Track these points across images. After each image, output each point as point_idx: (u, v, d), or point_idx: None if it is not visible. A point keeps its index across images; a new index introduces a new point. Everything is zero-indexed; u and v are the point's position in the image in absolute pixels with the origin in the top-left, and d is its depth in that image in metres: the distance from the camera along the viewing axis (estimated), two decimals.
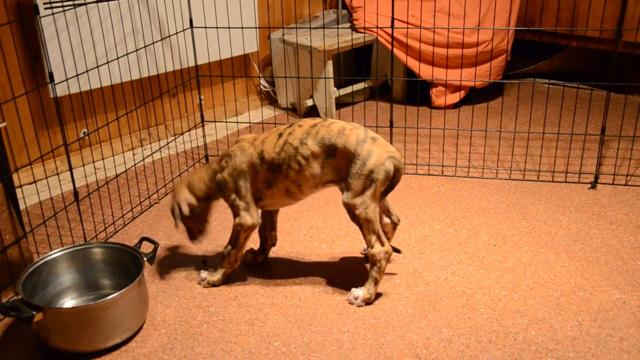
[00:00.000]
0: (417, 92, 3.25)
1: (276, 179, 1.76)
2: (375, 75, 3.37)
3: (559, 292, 1.82)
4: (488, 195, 2.39)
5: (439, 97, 3.19)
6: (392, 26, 2.47)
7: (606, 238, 2.07)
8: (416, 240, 2.11)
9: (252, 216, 1.80)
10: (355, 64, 3.45)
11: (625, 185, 2.39)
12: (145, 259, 1.73)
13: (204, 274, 1.91)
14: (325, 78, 2.95)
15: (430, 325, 1.71)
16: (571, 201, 2.31)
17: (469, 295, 1.83)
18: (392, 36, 2.91)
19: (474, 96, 3.26)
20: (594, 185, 2.39)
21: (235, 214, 1.82)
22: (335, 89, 3.05)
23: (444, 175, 2.55)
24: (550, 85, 3.42)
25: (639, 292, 1.80)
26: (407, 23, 3.03)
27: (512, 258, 1.99)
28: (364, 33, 3.07)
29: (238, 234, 1.82)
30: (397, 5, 3.03)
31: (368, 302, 1.80)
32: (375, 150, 1.67)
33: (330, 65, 2.94)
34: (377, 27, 3.05)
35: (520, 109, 3.07)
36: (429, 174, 2.56)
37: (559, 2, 3.18)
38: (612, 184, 2.41)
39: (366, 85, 3.29)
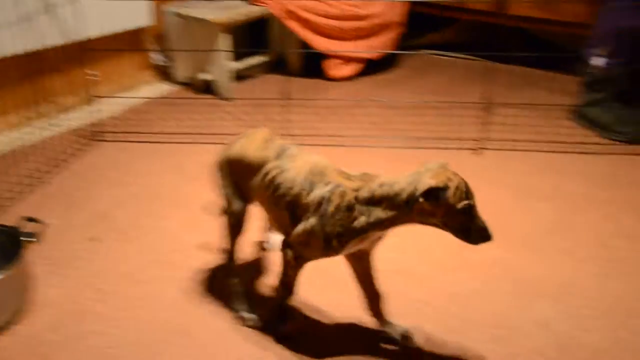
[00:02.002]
0: (314, 65, 3.28)
1: None
2: (272, 48, 3.37)
3: (443, 252, 1.92)
4: (379, 163, 2.46)
5: (334, 69, 3.24)
6: None
7: (487, 200, 2.14)
8: None
9: None
10: (251, 37, 3.44)
11: (507, 150, 2.53)
12: (26, 238, 1.68)
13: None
14: (219, 51, 2.93)
15: (319, 292, 1.76)
16: (457, 166, 2.38)
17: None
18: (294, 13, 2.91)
19: (370, 68, 3.32)
20: (478, 151, 2.52)
21: None
22: (231, 62, 3.04)
23: (341, 146, 2.60)
24: (442, 57, 3.54)
25: (514, 249, 1.93)
26: None
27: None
28: (259, 5, 3.07)
29: None
30: None
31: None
32: None
33: (224, 38, 2.92)
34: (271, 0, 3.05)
35: (414, 80, 3.16)
36: (327, 145, 2.60)
37: None
38: (496, 149, 2.54)
39: (263, 59, 3.29)
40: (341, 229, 1.38)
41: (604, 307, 1.68)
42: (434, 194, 1.30)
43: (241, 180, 1.58)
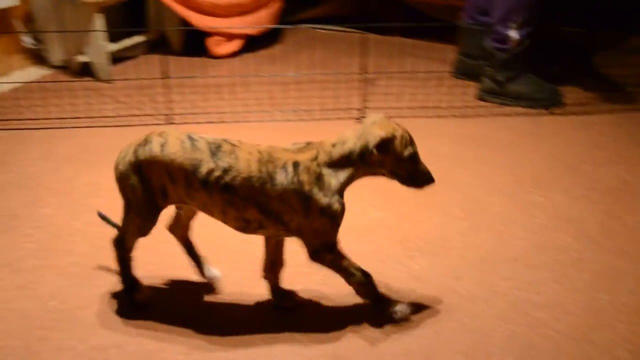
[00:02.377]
0: (197, 43, 3.24)
1: None
2: (150, 27, 3.29)
3: None
4: (264, 137, 2.47)
5: (216, 46, 3.22)
6: None
7: None
8: None
9: None
10: (129, 16, 3.34)
11: (391, 117, 2.61)
12: None
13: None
14: (93, 31, 2.84)
15: (219, 265, 1.77)
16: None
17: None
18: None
19: (253, 44, 3.32)
20: (360, 119, 2.60)
21: None
22: (108, 43, 2.95)
23: (224, 122, 2.60)
24: (322, 30, 3.59)
25: (395, 209, 2.02)
26: None
27: None
28: None
29: None
30: None
31: None
32: None
33: (98, 18, 2.83)
34: None
35: (296, 54, 3.20)
36: (209, 122, 2.60)
37: None
38: None
39: (142, 39, 3.21)
40: (326, 198, 1.40)
41: (477, 258, 1.79)
42: (384, 144, 1.37)
43: (164, 184, 1.44)
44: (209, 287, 1.68)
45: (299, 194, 1.40)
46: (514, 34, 2.59)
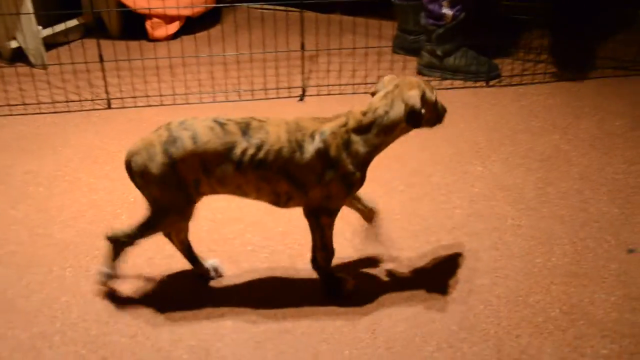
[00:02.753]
0: (136, 26, 3.17)
1: None
2: (86, 11, 3.21)
3: None
4: None
5: (155, 29, 3.17)
6: None
7: None
8: None
9: None
10: (62, 1, 3.25)
11: (328, 94, 2.64)
12: None
13: None
14: (22, 15, 2.75)
15: (153, 246, 1.75)
16: (282, 114, 2.43)
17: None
18: None
19: (192, 25, 3.28)
20: (301, 97, 2.60)
21: None
22: (40, 27, 2.86)
23: (164, 105, 2.57)
24: (262, 10, 3.56)
25: None
26: None
27: None
28: None
29: None
30: None
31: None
32: None
33: (29, 1, 2.74)
34: None
35: (237, 35, 3.16)
36: (149, 105, 2.56)
37: None
38: (317, 94, 2.63)
39: (78, 23, 3.13)
40: (351, 166, 1.42)
41: (419, 229, 1.83)
42: (424, 99, 1.44)
43: (197, 177, 1.42)
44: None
45: (325, 158, 1.41)
46: (447, 10, 2.63)
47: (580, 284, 1.61)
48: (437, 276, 1.65)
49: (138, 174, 1.42)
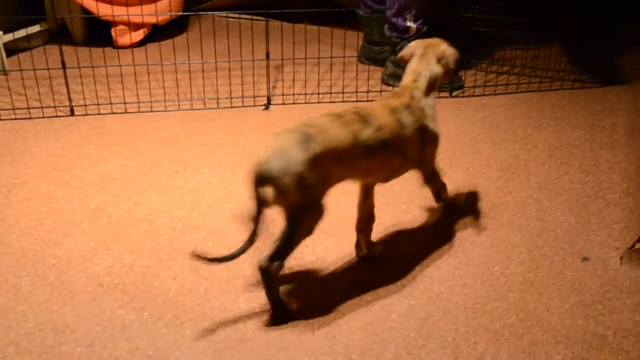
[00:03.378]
0: (101, 33, 3.14)
1: None
2: (52, 15, 3.18)
3: (234, 205, 1.98)
4: (171, 126, 2.46)
5: (121, 36, 3.15)
6: None
7: None
8: (99, 178, 2.11)
9: None
10: (26, 5, 3.21)
11: (294, 103, 2.65)
12: None
13: None
14: None
15: (114, 254, 1.75)
16: (247, 123, 2.49)
17: (151, 221, 1.90)
18: None
19: (158, 33, 3.26)
20: (267, 106, 2.61)
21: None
22: (1, 32, 2.82)
23: (128, 113, 2.55)
24: (229, 18, 3.56)
25: None
26: None
27: (193, 181, 2.10)
28: None
29: None
30: None
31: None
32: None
33: None
34: None
35: (203, 43, 3.16)
36: (113, 113, 2.54)
37: None
38: (283, 103, 2.64)
39: (42, 29, 3.10)
40: (433, 126, 1.68)
41: (380, 237, 1.85)
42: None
43: (331, 170, 1.45)
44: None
45: (419, 129, 1.62)
46: (411, 24, 2.67)
47: (536, 292, 1.64)
48: (396, 284, 1.66)
49: (277, 179, 1.40)
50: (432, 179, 1.78)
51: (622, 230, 1.86)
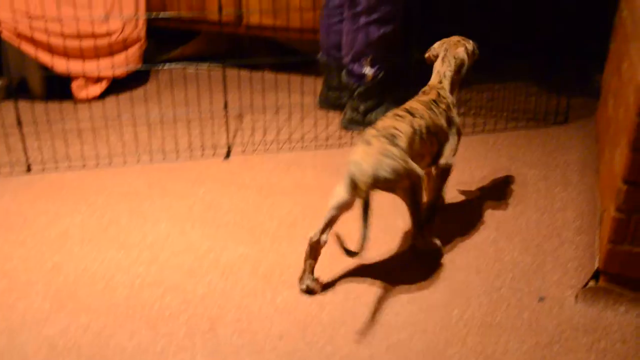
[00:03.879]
0: (61, 87, 3.13)
1: None
2: (7, 73, 3.17)
3: (193, 258, 1.97)
4: (130, 180, 2.45)
5: (80, 89, 3.15)
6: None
7: (235, 202, 2.29)
8: (56, 236, 2.08)
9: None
10: None
11: (254, 152, 2.66)
12: None
13: None
14: None
15: (69, 315, 1.72)
16: (207, 174, 2.49)
17: (109, 278, 1.87)
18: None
19: (119, 85, 3.27)
20: (227, 156, 2.62)
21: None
22: None
23: (87, 168, 2.54)
24: (189, 69, 3.59)
25: (259, 244, 2.04)
26: (30, 16, 2.91)
27: (152, 235, 2.09)
28: None
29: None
30: None
31: None
32: (355, 150, 1.74)
33: None
34: None
35: (163, 94, 3.18)
36: (71, 168, 2.52)
37: None
38: (243, 152, 2.65)
39: (0, 84, 3.09)
40: (458, 120, 2.01)
41: (339, 285, 1.84)
42: (467, 53, 2.06)
43: (410, 154, 1.77)
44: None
45: (449, 120, 1.96)
46: (367, 70, 2.72)
47: (494, 334, 1.65)
48: (354, 333, 1.66)
49: (389, 177, 1.69)
50: (449, 168, 1.99)
51: (576, 269, 1.89)
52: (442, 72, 2.03)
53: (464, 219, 2.17)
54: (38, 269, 1.92)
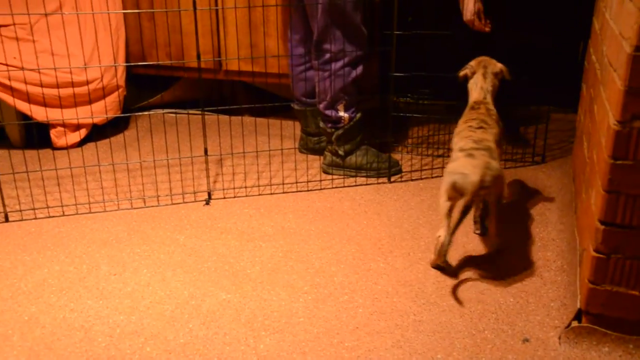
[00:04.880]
0: (40, 134, 3.13)
1: None
2: None
3: (174, 306, 1.94)
4: (110, 227, 2.42)
5: (59, 137, 3.14)
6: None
7: (216, 247, 2.27)
8: (33, 286, 2.05)
9: None
10: None
11: (234, 197, 2.65)
12: None
13: None
14: None
15: None
16: (188, 219, 2.48)
17: (87, 329, 1.84)
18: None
19: (98, 132, 3.27)
20: (207, 201, 2.61)
21: None
22: None
23: (66, 215, 2.51)
24: (169, 115, 3.61)
25: (241, 290, 2.02)
26: (8, 65, 2.92)
27: (132, 283, 2.06)
28: None
29: None
30: None
31: (432, 266, 2.16)
32: (458, 162, 2.03)
33: None
34: None
35: (143, 140, 3.18)
36: (50, 216, 2.50)
37: (169, 38, 3.38)
38: (224, 197, 2.65)
39: None
40: (503, 129, 2.30)
41: (322, 330, 1.83)
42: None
43: None
44: None
45: (499, 126, 2.24)
46: (343, 113, 2.75)
47: None
48: None
49: (491, 184, 1.97)
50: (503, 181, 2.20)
51: (559, 309, 1.89)
52: (485, 88, 2.32)
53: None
54: (14, 320, 1.88)
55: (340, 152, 2.82)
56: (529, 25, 3.43)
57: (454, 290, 2.00)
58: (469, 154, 2.02)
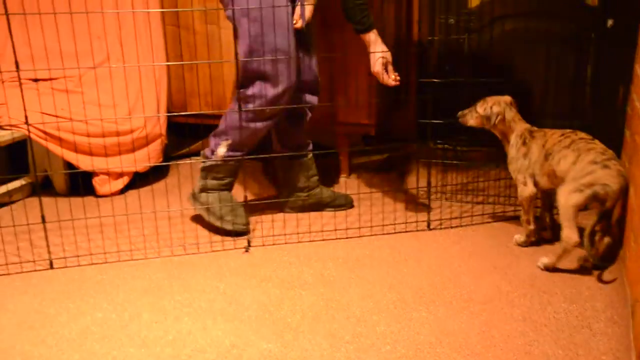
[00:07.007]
0: (84, 182, 3.20)
1: (543, 165, 2.46)
2: (33, 171, 3.25)
3: (215, 354, 1.93)
4: (151, 274, 2.44)
5: (102, 185, 3.20)
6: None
7: (257, 295, 2.27)
8: (77, 334, 2.06)
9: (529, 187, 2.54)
10: (11, 160, 3.29)
11: (273, 244, 2.66)
12: None
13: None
14: None
15: None
16: (228, 267, 2.48)
17: None
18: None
19: (140, 180, 3.33)
20: (247, 249, 2.62)
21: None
22: None
23: (108, 262, 2.54)
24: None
25: (282, 339, 2.00)
26: (57, 117, 3.01)
27: (173, 331, 2.06)
28: (11, 130, 2.97)
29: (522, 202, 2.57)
30: (45, 100, 3.00)
31: (548, 267, 2.37)
32: (597, 174, 2.22)
33: None
34: (26, 124, 2.96)
35: (183, 187, 3.22)
36: (92, 264, 2.53)
37: (210, 87, 3.45)
38: (263, 245, 2.65)
39: (24, 182, 3.15)
40: None
41: None
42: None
43: None
44: None
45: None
46: (221, 149, 2.69)
47: None
48: None
49: (623, 191, 2.24)
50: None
51: None
52: (517, 118, 2.57)
53: (488, 309, 2.13)
54: None
55: (200, 184, 2.76)
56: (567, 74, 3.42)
57: (500, 342, 1.95)
58: (605, 165, 2.22)
